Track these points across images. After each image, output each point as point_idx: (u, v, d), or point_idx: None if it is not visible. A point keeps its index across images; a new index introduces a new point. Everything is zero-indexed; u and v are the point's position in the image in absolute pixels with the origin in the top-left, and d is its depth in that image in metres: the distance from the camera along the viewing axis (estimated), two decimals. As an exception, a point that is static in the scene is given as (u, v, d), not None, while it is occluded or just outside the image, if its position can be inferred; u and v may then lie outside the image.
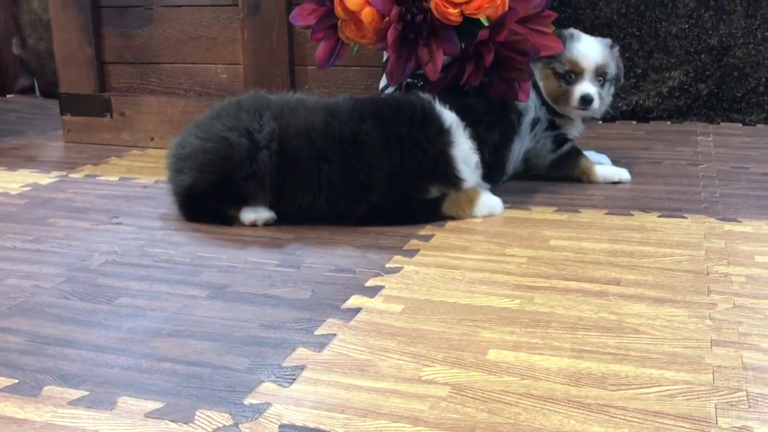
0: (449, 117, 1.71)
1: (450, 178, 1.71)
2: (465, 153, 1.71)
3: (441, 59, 1.68)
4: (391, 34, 1.67)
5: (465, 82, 1.72)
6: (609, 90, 2.01)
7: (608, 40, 2.02)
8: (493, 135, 1.76)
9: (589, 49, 1.95)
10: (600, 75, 1.97)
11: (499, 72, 1.74)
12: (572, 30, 2.01)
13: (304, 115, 1.71)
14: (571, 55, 1.94)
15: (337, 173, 1.67)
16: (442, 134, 1.69)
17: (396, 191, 1.68)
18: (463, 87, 1.75)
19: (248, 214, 1.71)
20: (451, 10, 1.65)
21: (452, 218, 1.73)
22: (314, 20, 1.78)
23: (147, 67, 2.53)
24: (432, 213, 1.72)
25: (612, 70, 1.99)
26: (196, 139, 1.72)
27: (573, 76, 1.95)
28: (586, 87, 1.94)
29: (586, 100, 1.94)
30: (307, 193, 1.68)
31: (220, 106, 1.78)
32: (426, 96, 1.73)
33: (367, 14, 1.70)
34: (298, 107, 1.73)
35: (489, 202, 1.76)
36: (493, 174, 1.81)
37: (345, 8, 1.71)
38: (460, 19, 1.66)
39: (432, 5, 1.66)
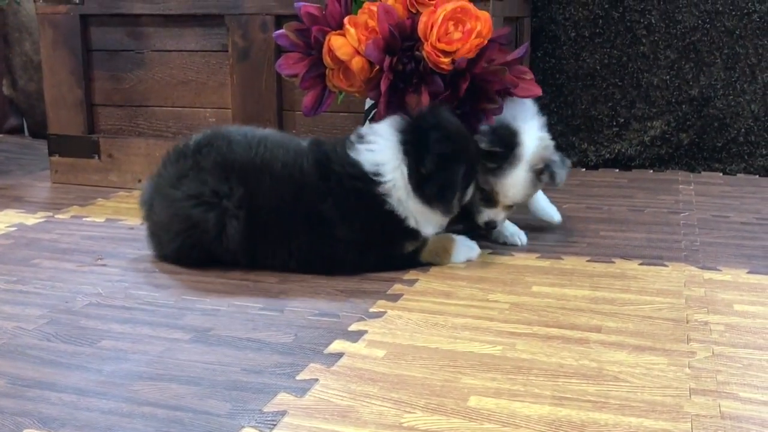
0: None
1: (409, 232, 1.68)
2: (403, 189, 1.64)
3: (427, 102, 1.71)
4: (384, 84, 1.69)
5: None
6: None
7: (550, 174, 1.82)
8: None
9: (512, 188, 1.79)
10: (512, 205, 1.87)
11: (472, 103, 1.75)
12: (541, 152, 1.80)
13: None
14: (495, 182, 1.79)
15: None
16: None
17: (366, 260, 1.68)
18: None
19: None
20: (443, 59, 1.68)
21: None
22: (302, 69, 1.81)
23: (136, 110, 2.55)
24: (412, 261, 1.72)
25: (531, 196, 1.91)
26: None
27: (489, 197, 1.83)
28: (494, 214, 1.83)
29: (489, 226, 1.85)
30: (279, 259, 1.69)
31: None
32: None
33: (356, 63, 1.73)
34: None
35: (465, 245, 1.78)
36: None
37: (334, 57, 1.74)
38: (451, 68, 1.70)
39: (424, 54, 1.69)
